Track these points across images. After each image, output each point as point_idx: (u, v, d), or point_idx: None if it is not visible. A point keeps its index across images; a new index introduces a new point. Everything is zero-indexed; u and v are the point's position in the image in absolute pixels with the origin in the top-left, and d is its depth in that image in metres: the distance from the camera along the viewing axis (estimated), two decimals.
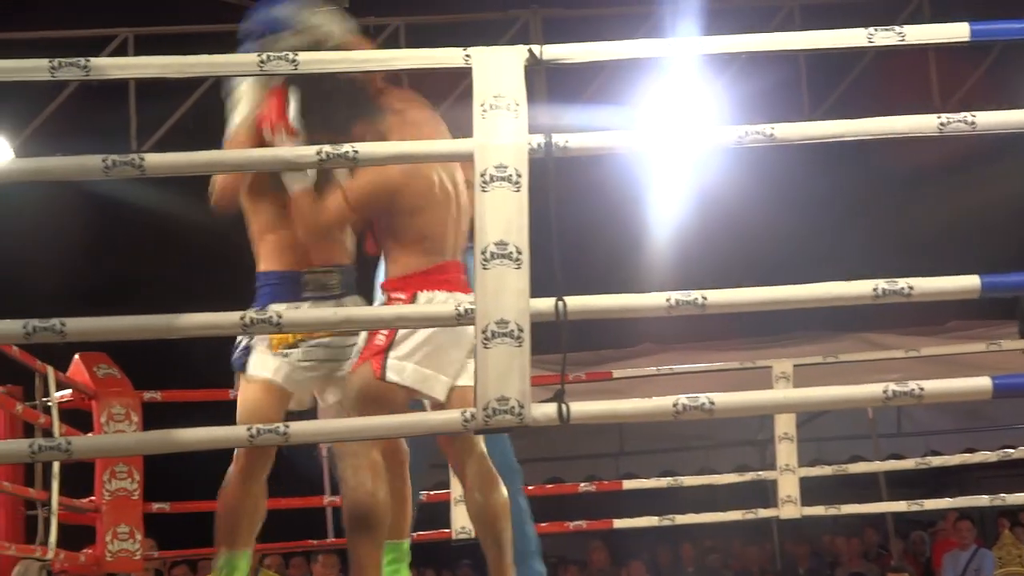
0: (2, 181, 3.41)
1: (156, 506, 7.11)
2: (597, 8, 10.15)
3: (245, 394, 4.36)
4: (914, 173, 10.80)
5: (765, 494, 8.42)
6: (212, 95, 10.13)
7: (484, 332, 3.17)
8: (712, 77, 9.56)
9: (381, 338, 4.04)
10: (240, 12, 10.26)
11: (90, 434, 6.61)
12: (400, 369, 4.04)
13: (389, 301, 4.12)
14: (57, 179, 3.36)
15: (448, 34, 10.04)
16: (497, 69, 3.22)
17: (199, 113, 10.14)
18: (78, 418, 7.01)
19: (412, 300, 4.07)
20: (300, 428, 3.36)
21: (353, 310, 3.58)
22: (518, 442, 9.73)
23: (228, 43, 9.89)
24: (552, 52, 3.28)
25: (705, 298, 3.25)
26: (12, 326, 3.34)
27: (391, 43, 9.95)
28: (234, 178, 4.14)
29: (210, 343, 3.77)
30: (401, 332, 4.01)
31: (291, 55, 3.26)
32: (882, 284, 3.27)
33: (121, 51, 9.80)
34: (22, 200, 7.76)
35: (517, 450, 9.96)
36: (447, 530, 6.91)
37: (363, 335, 4.15)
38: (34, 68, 3.27)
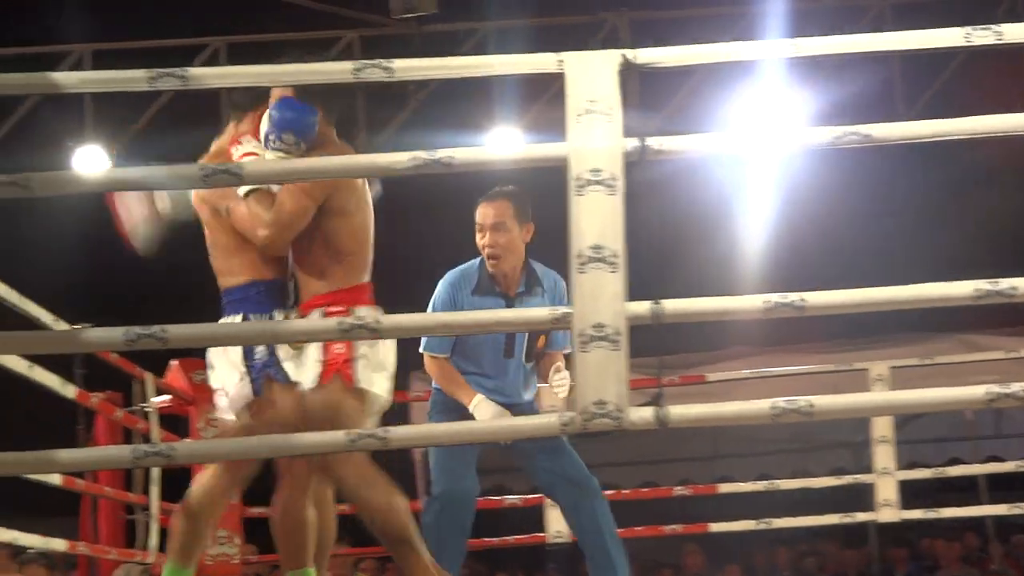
0: (105, 189, 3.46)
1: (255, 510, 7.17)
2: (686, 10, 10.11)
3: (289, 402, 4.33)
4: (1010, 171, 10.64)
5: (861, 497, 8.34)
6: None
7: (581, 336, 3.17)
8: (802, 78, 9.48)
9: (340, 348, 4.07)
10: (327, 19, 10.36)
11: (188, 439, 6.69)
12: (369, 379, 4.11)
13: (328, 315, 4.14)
14: (158, 187, 3.42)
15: (535, 39, 10.04)
16: (591, 74, 3.22)
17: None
18: (175, 424, 7.09)
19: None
20: (399, 432, 3.37)
21: (447, 315, 3.59)
22: (609, 446, 9.74)
23: (315, 50, 9.96)
24: (646, 56, 3.28)
25: (804, 300, 3.23)
26: (113, 333, 3.39)
27: (478, 49, 9.98)
28: (304, 214, 4.12)
29: None
30: (358, 343, 4.07)
31: (385, 63, 3.28)
32: (984, 285, 3.23)
33: (213, 60, 9.91)
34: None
35: (608, 454, 9.96)
36: (541, 534, 6.91)
37: (313, 347, 4.15)
38: (133, 79, 3.32)
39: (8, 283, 5.21)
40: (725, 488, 7.67)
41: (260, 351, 4.23)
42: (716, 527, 7.28)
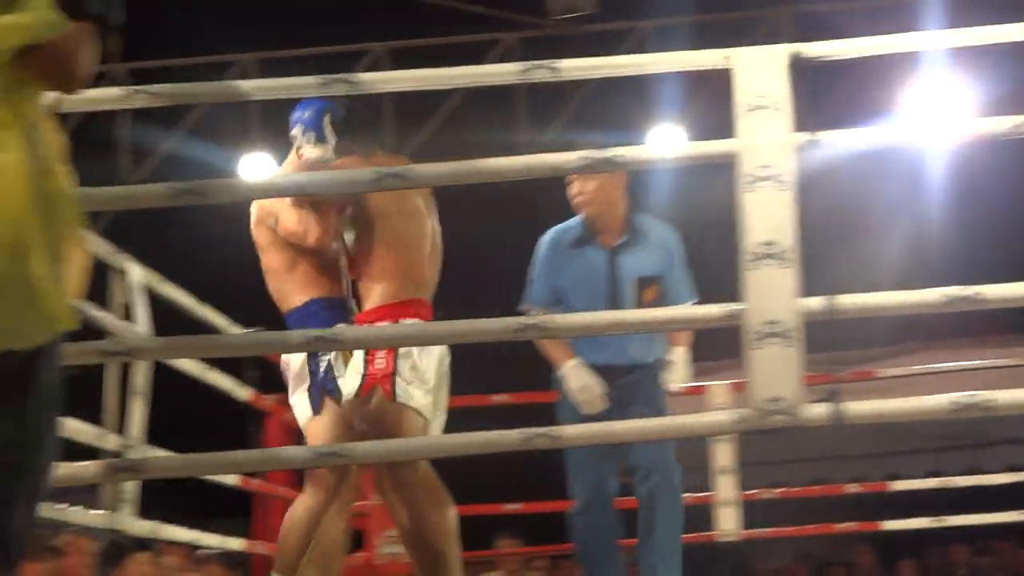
0: (279, 195, 3.53)
1: None
2: (848, 2, 9.98)
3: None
4: None
5: None
6: (466, 107, 10.27)
7: (755, 333, 3.15)
8: (967, 68, 9.29)
9: (381, 362, 4.12)
10: (485, 22, 10.41)
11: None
12: (407, 393, 4.12)
13: None
14: (329, 192, 3.47)
15: (694, 37, 9.99)
16: (759, 69, 3.20)
17: (449, 123, 10.30)
18: None
19: None
20: (571, 432, 3.38)
21: (617, 314, 3.57)
22: (777, 443, 9.64)
23: (475, 53, 10.02)
24: (815, 49, 3.25)
25: (982, 294, 3.17)
26: (291, 336, 3.46)
27: (637, 48, 9.96)
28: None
29: (477, 348, 3.80)
30: (400, 359, 4.12)
31: (551, 63, 3.29)
32: None
33: (375, 66, 10.02)
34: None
35: (777, 451, 9.88)
36: (712, 533, 6.87)
37: (358, 357, 4.20)
38: (305, 85, 3.39)
39: (184, 288, 5.34)
40: (899, 485, 7.55)
41: (321, 366, 4.30)
42: (890, 525, 7.18)
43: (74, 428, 4.57)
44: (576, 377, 4.63)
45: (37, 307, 2.75)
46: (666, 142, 9.39)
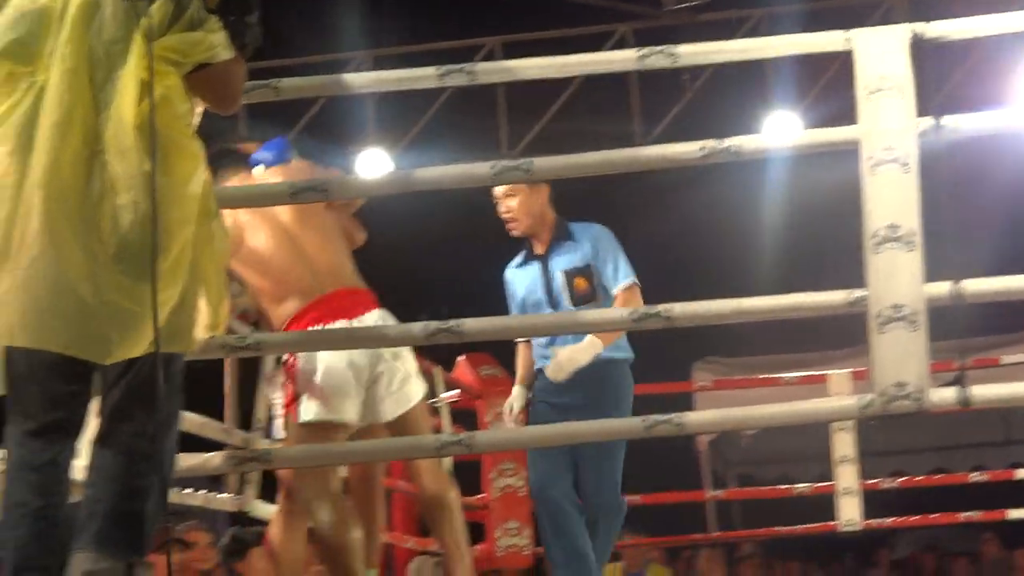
0: (399, 191, 3.55)
1: None
2: None
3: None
4: None
5: None
6: (579, 98, 10.26)
7: (877, 317, 3.12)
8: None
9: (284, 393, 4.26)
10: (599, 13, 10.40)
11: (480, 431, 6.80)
12: (309, 409, 4.14)
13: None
14: (448, 187, 3.47)
15: (808, 23, 9.89)
16: (880, 51, 3.16)
17: (562, 116, 10.30)
18: (463, 418, 7.23)
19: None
20: (693, 418, 3.36)
21: (731, 303, 3.52)
22: (899, 433, 9.52)
23: (588, 46, 10.01)
24: (937, 29, 3.20)
25: None
26: (412, 328, 3.48)
27: (752, 36, 9.89)
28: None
29: None
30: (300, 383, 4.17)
31: (670, 49, 3.27)
32: None
33: (489, 59, 10.06)
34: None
35: (898, 441, 9.74)
36: (832, 522, 6.82)
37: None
38: (423, 76, 3.41)
39: None
40: (1022, 473, 7.43)
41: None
42: (1014, 513, 7.08)
43: (199, 422, 4.68)
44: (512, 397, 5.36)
45: (204, 314, 2.87)
46: (783, 129, 9.32)
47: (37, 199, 2.70)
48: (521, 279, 5.29)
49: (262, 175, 4.37)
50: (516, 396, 5.40)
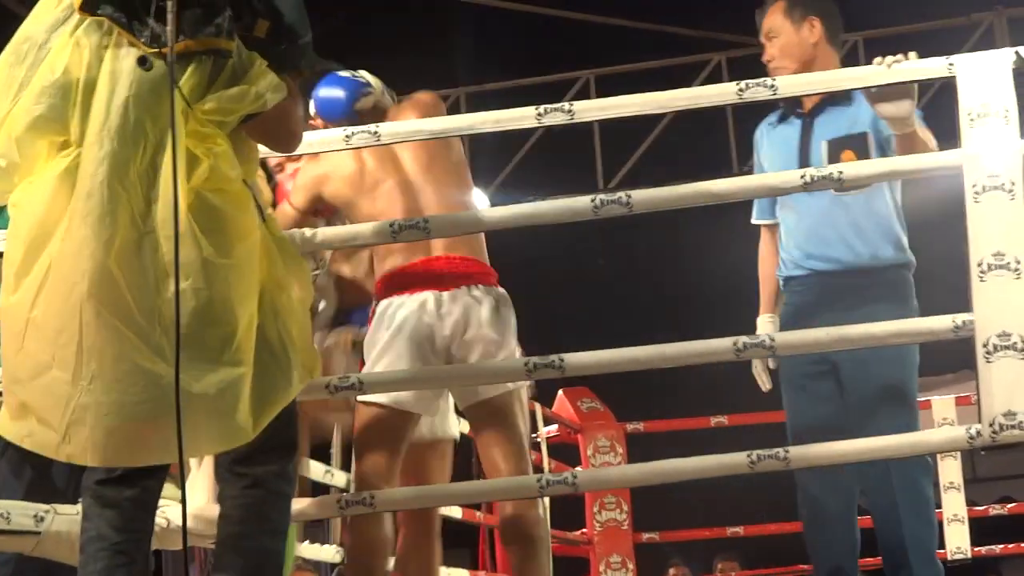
0: (503, 226, 3.55)
1: (646, 536, 7.23)
2: None
3: None
4: None
5: None
6: (671, 131, 10.22)
7: (985, 345, 3.09)
8: None
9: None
10: (692, 43, 10.36)
11: (579, 468, 6.79)
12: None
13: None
14: (550, 222, 3.46)
15: (904, 46, 9.79)
16: (983, 76, 3.13)
17: (659, 149, 10.30)
18: (560, 452, 7.23)
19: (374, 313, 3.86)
20: (799, 452, 3.34)
21: (845, 329, 3.49)
22: (1006, 458, 9.37)
23: (677, 77, 9.97)
24: None
25: None
26: (514, 364, 3.49)
27: (849, 60, 9.81)
28: (289, 222, 3.94)
29: (684, 371, 3.74)
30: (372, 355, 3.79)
31: (770, 81, 3.27)
32: None
33: (583, 93, 10.09)
34: None
35: (1009, 467, 9.57)
36: (942, 551, 6.72)
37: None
38: (522, 116, 3.40)
39: None
40: None
41: None
42: None
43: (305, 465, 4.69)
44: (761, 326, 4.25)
45: (298, 360, 2.86)
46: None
47: (90, 312, 2.60)
48: (773, 143, 4.23)
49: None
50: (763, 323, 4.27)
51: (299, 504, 3.41)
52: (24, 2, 2.88)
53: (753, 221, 4.36)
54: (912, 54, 3.42)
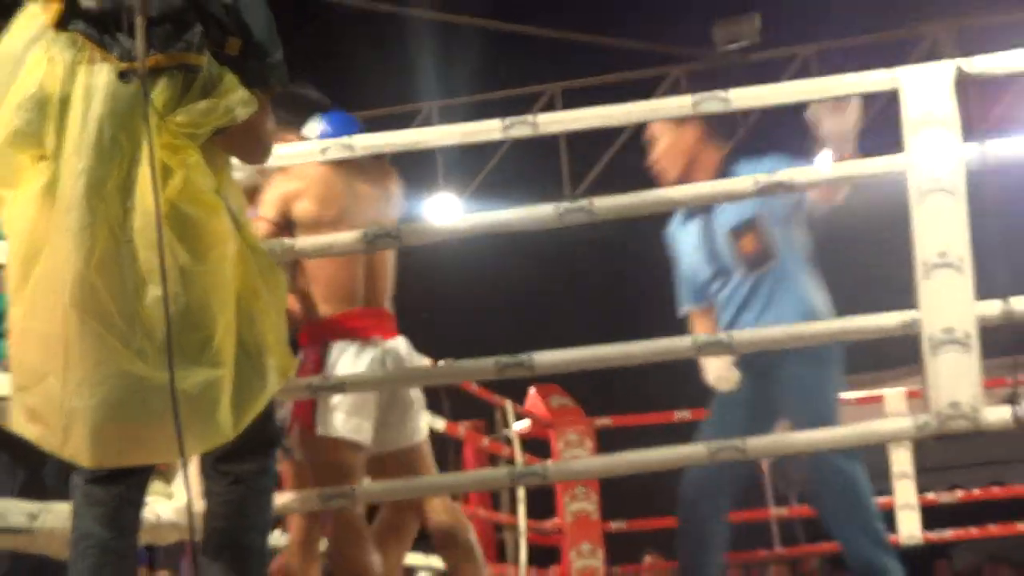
0: (469, 234, 3.55)
1: (614, 525, 7.24)
2: (1005, 14, 9.74)
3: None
4: None
5: None
6: (637, 138, 10.27)
7: (931, 340, 3.11)
8: None
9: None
10: (652, 57, 10.37)
11: (550, 461, 6.80)
12: (326, 422, 3.83)
13: (303, 360, 3.86)
14: (515, 229, 3.47)
15: (854, 58, 9.86)
16: (926, 87, 3.16)
17: (621, 155, 10.32)
18: (533, 447, 7.24)
19: (321, 355, 3.87)
20: (756, 443, 3.35)
21: (800, 327, 3.51)
22: (954, 447, 9.41)
23: (643, 88, 9.99)
24: (980, 64, 3.19)
25: None
26: (484, 363, 3.49)
27: (802, 74, 9.88)
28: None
29: (649, 369, 3.74)
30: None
31: (722, 93, 3.28)
32: None
33: (549, 106, 10.11)
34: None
35: (954, 456, 9.61)
36: (894, 536, 6.75)
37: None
38: (489, 128, 3.41)
39: None
40: None
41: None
42: None
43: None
44: (710, 366, 4.25)
45: (274, 363, 2.85)
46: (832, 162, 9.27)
47: (74, 320, 2.60)
48: (683, 241, 4.38)
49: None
50: (725, 367, 4.24)
51: (282, 498, 3.41)
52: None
53: (683, 310, 4.46)
54: (855, 102, 3.62)
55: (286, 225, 3.88)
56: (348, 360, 3.86)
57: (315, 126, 4.00)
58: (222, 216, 2.73)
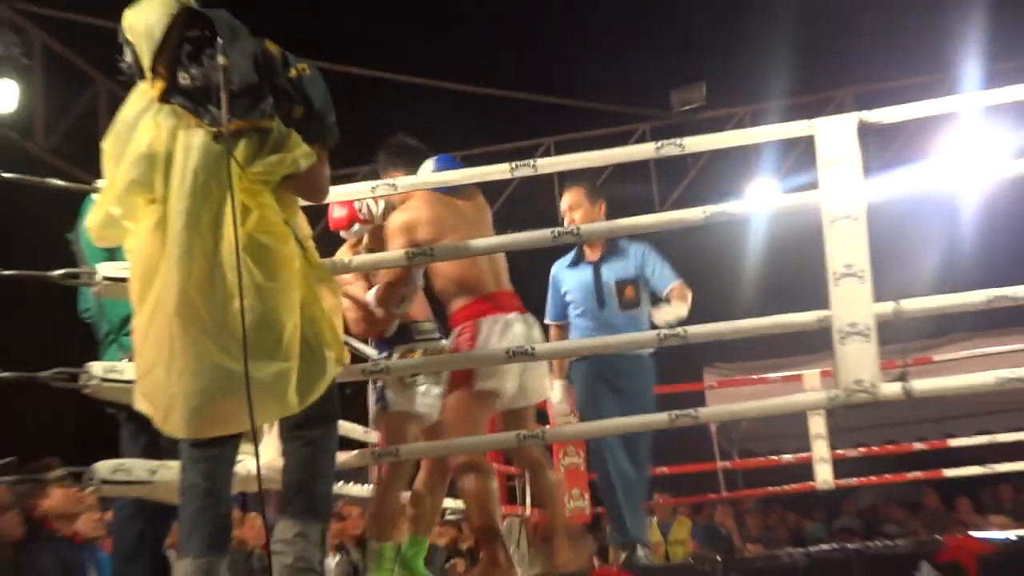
0: (490, 251, 3.51)
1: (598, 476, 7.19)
2: (896, 81, 9.73)
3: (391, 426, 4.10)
4: None
5: None
6: (615, 175, 10.22)
7: (840, 332, 3.08)
8: (998, 126, 8.95)
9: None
10: (624, 117, 10.31)
11: (547, 426, 6.78)
12: (390, 400, 3.95)
13: (459, 335, 3.86)
14: (517, 249, 3.45)
15: (780, 115, 9.86)
16: (835, 133, 3.13)
17: (603, 190, 10.28)
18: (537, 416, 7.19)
19: (476, 331, 3.82)
20: (706, 411, 3.33)
21: (740, 323, 3.48)
22: (860, 414, 9.37)
23: (618, 139, 9.95)
24: (876, 116, 3.18)
25: (1017, 293, 3.06)
26: (495, 353, 3.44)
27: (739, 126, 9.86)
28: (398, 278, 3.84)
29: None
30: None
31: (679, 140, 3.26)
32: None
33: (546, 153, 10.10)
34: None
35: (859, 419, 9.57)
36: (812, 483, 6.73)
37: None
38: (500, 170, 3.41)
39: None
40: (954, 442, 7.29)
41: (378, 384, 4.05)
42: (949, 472, 6.95)
43: (348, 427, 4.65)
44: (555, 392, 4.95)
45: (332, 354, 2.85)
46: (764, 195, 9.27)
47: (177, 326, 2.64)
48: (571, 279, 4.88)
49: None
50: (560, 392, 4.98)
51: (342, 456, 3.39)
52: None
53: (547, 322, 4.95)
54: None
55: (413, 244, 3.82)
56: (498, 329, 3.81)
57: (428, 165, 3.95)
58: (290, 242, 2.77)
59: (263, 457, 3.53)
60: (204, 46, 2.66)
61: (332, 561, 6.28)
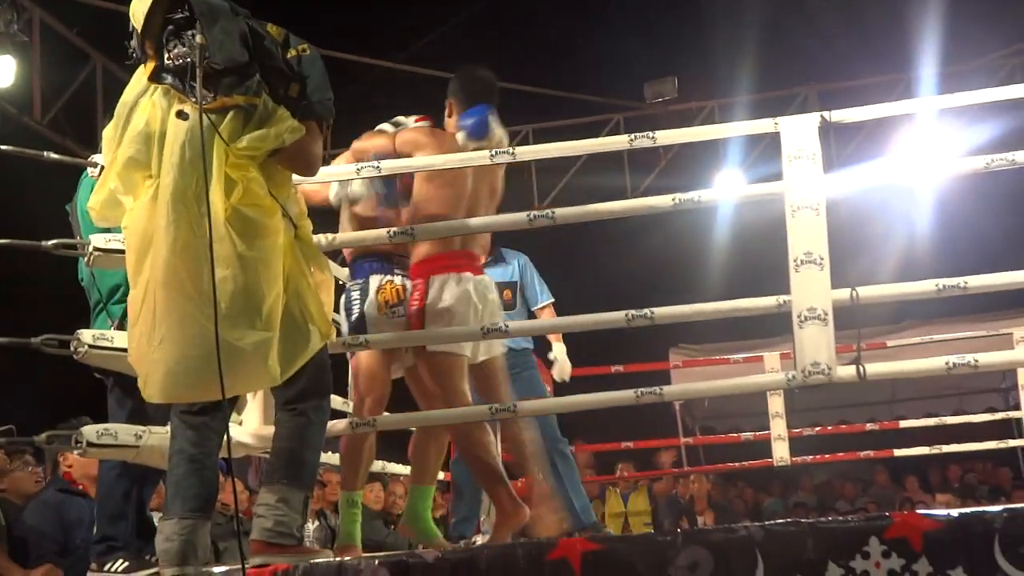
0: (472, 231, 3.50)
1: (571, 447, 7.19)
2: (858, 80, 9.77)
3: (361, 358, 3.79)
4: None
5: (1009, 429, 7.94)
6: (590, 164, 10.22)
7: (799, 316, 3.10)
8: (952, 125, 9.00)
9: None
10: (600, 107, 10.30)
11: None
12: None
13: (411, 292, 3.65)
14: (495, 230, 3.45)
15: (747, 109, 9.87)
16: (798, 130, 3.15)
17: (578, 175, 10.30)
18: None
19: (425, 290, 3.61)
20: (671, 389, 3.34)
21: (703, 306, 3.49)
22: (815, 395, 9.42)
23: (594, 129, 9.94)
24: (838, 115, 3.19)
25: (966, 283, 3.08)
26: (471, 330, 3.46)
27: (708, 120, 9.88)
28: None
29: (593, 334, 3.67)
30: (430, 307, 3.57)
31: (652, 133, 3.26)
32: None
33: (525, 141, 10.05)
34: None
35: (813, 400, 9.65)
36: (769, 460, 6.77)
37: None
38: (480, 156, 3.40)
39: None
40: (905, 424, 7.36)
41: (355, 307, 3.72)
42: (901, 452, 7.01)
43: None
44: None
45: (316, 328, 2.85)
46: (730, 185, 9.29)
47: (161, 293, 2.64)
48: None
49: (463, 142, 3.72)
50: (561, 353, 5.51)
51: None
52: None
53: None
54: None
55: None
56: (450, 289, 3.62)
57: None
58: (275, 216, 2.76)
59: (248, 425, 3.54)
60: (186, 27, 2.67)
61: (311, 526, 6.27)
